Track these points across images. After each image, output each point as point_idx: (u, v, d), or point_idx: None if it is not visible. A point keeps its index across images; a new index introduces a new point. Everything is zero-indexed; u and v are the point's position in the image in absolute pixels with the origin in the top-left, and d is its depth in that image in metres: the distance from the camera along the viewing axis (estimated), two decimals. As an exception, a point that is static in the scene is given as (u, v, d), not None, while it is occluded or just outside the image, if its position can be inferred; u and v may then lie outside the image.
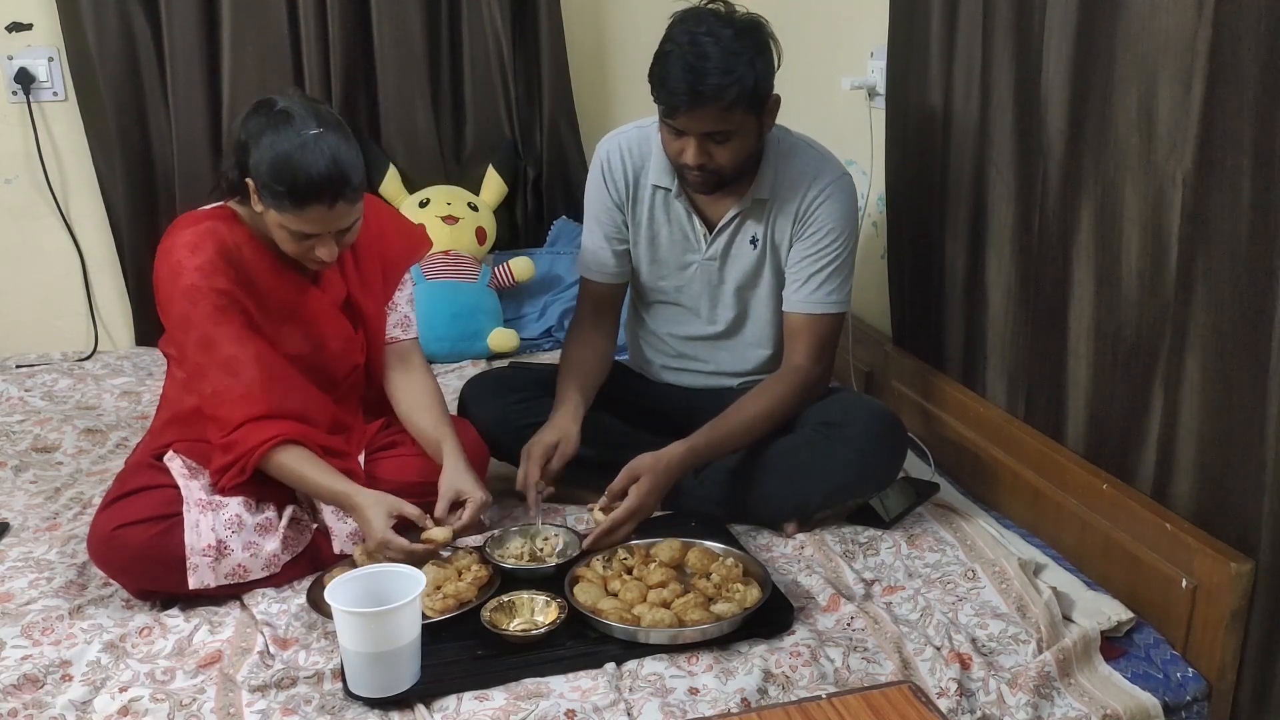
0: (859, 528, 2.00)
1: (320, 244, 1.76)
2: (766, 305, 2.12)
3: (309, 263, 1.82)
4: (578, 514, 2.07)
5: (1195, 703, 1.62)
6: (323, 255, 1.77)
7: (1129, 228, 1.72)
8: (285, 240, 1.78)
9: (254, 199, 1.77)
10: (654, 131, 2.03)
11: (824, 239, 2.02)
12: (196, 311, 1.79)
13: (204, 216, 1.87)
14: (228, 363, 1.80)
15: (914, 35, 2.26)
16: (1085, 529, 1.86)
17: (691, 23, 1.85)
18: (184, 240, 1.82)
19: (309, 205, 1.70)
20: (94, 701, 1.54)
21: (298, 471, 1.79)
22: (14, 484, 2.24)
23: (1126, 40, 1.68)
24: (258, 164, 1.71)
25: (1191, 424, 1.65)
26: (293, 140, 1.68)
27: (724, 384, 2.18)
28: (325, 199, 1.70)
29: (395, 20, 3.01)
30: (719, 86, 1.80)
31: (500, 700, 1.53)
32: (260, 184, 1.72)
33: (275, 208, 1.72)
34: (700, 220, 2.08)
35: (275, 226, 1.76)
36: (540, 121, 3.20)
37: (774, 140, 2.02)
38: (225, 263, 1.81)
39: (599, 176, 2.12)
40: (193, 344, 1.81)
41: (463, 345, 2.95)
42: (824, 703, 1.21)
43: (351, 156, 1.73)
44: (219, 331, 1.80)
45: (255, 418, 1.78)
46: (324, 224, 1.73)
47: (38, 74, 2.87)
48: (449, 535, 1.76)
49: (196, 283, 1.79)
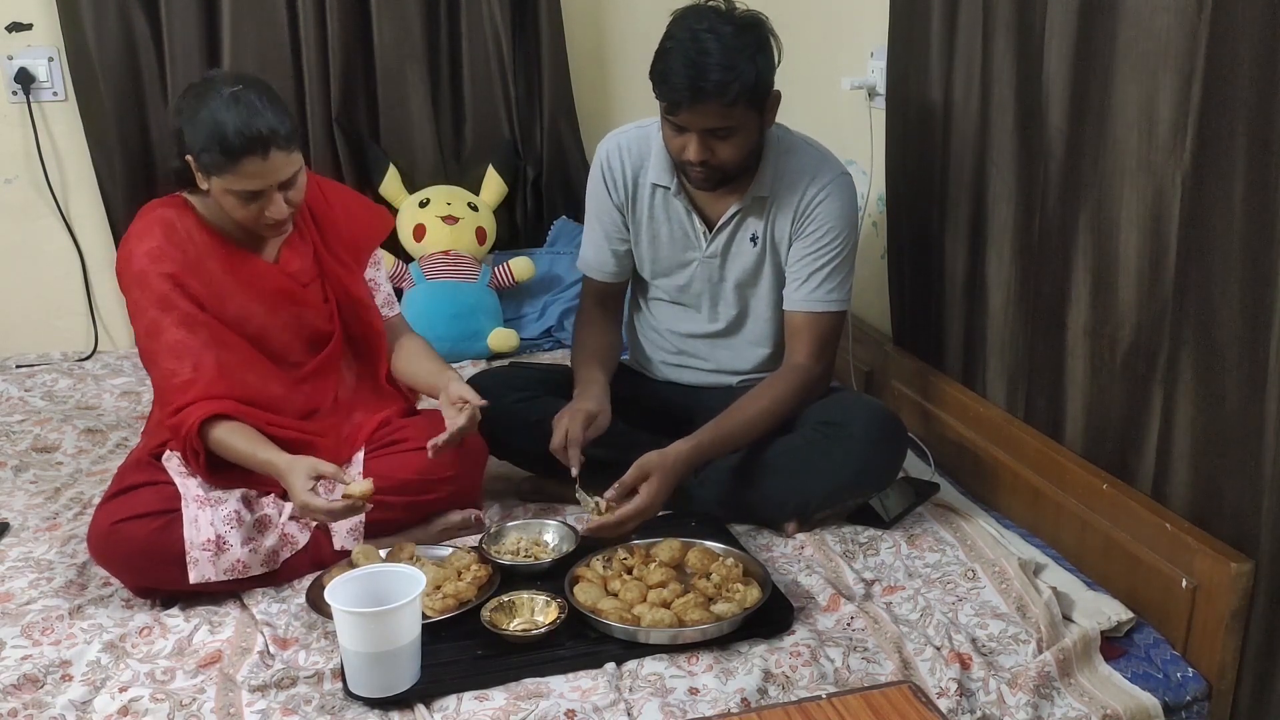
0: (859, 528, 2.00)
1: (269, 201, 1.79)
2: (766, 303, 2.12)
3: (265, 230, 1.85)
4: (578, 513, 2.07)
5: (1195, 703, 1.62)
6: (272, 213, 1.80)
7: (1128, 228, 1.72)
8: (235, 208, 1.80)
9: (198, 179, 1.81)
10: (654, 131, 2.04)
11: (824, 237, 2.02)
12: (145, 297, 1.83)
13: (156, 205, 1.92)
14: (173, 347, 1.82)
15: (914, 35, 2.26)
16: (1085, 529, 1.86)
17: (693, 19, 1.86)
18: (135, 229, 1.88)
19: (243, 159, 1.74)
20: (94, 701, 1.54)
21: (229, 443, 1.80)
22: (14, 484, 2.24)
23: (1126, 40, 1.68)
24: (192, 138, 1.76)
25: (1191, 423, 1.65)
26: (216, 101, 1.75)
27: (724, 382, 2.19)
28: (257, 149, 1.74)
29: (395, 20, 3.01)
30: (721, 83, 1.81)
31: (500, 700, 1.53)
32: (197, 157, 1.76)
33: (215, 173, 1.76)
34: (700, 218, 2.08)
35: (222, 196, 1.80)
36: (540, 121, 3.20)
37: (774, 138, 2.03)
38: (173, 246, 1.84)
39: (599, 176, 2.13)
40: (142, 331, 1.85)
41: (463, 345, 2.95)
42: (824, 703, 1.21)
43: (276, 107, 1.79)
44: (165, 317, 1.83)
45: (196, 398, 1.81)
46: (263, 177, 1.77)
47: (38, 74, 2.87)
48: (368, 488, 1.74)
49: (144, 267, 1.83)
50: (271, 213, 1.80)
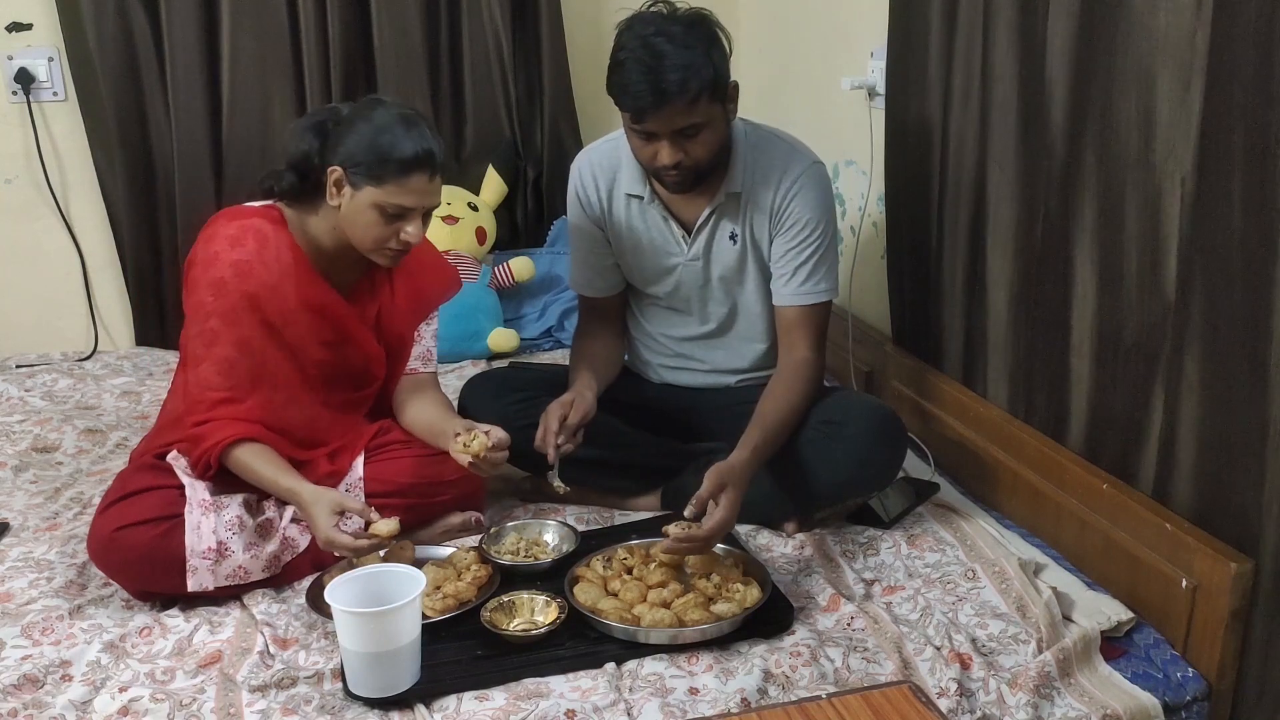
0: (859, 528, 2.00)
1: (410, 221, 1.79)
2: (755, 299, 2.12)
3: (384, 256, 1.84)
4: (578, 513, 2.08)
5: (1195, 703, 1.62)
6: (410, 235, 1.80)
7: (1129, 227, 1.72)
8: (372, 225, 1.79)
9: (332, 192, 1.79)
10: (623, 142, 2.04)
11: (803, 230, 2.03)
12: (216, 305, 1.81)
13: (252, 213, 1.88)
14: (222, 362, 1.81)
15: (914, 35, 2.26)
16: (1085, 529, 1.86)
17: (640, 27, 1.86)
18: (227, 232, 1.84)
19: (413, 173, 1.75)
20: (94, 701, 1.54)
21: (252, 467, 1.79)
22: (14, 484, 2.24)
23: (1126, 40, 1.68)
24: (353, 146, 1.76)
25: (1192, 424, 1.65)
26: (392, 117, 1.77)
27: (723, 382, 2.19)
28: (428, 168, 1.77)
29: (395, 20, 3.01)
30: (681, 81, 1.81)
31: (500, 700, 1.53)
32: (354, 165, 1.76)
33: (375, 183, 1.75)
34: (677, 223, 2.08)
35: (362, 211, 1.78)
36: (540, 121, 3.20)
37: (740, 134, 2.03)
38: (261, 263, 1.82)
39: (574, 197, 2.15)
40: (199, 332, 1.83)
41: (463, 345, 2.95)
42: (824, 703, 1.21)
43: (440, 140, 1.82)
44: (228, 332, 1.81)
45: (227, 417, 1.80)
46: (423, 196, 1.78)
47: (38, 74, 2.87)
48: (394, 527, 1.74)
49: (225, 277, 1.81)
50: (407, 235, 1.79)
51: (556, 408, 1.94)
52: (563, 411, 1.94)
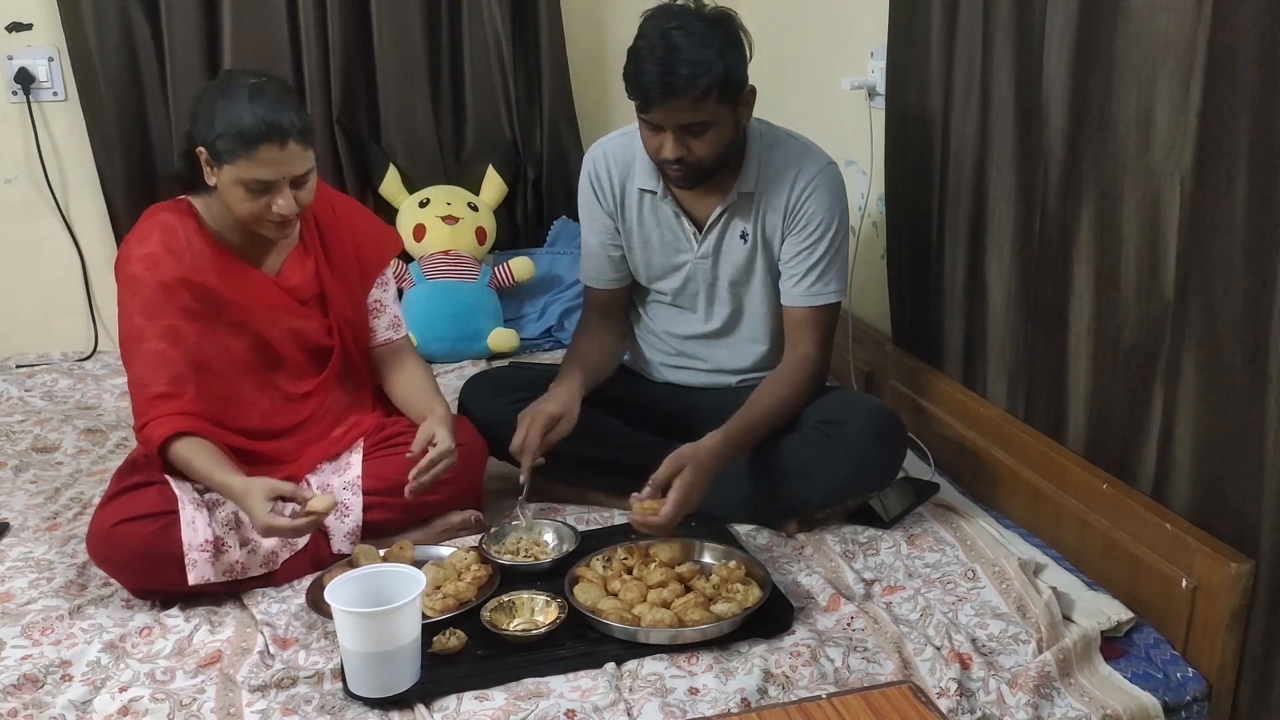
0: (859, 528, 2.00)
1: (278, 194, 1.78)
2: (761, 300, 2.12)
3: (267, 229, 1.84)
4: (578, 513, 2.08)
5: (1195, 703, 1.62)
6: (281, 207, 1.78)
7: (1128, 228, 1.72)
8: (242, 201, 1.79)
9: (206, 172, 1.80)
10: (638, 137, 2.04)
11: (816, 231, 2.03)
12: (133, 301, 1.82)
13: (159, 209, 1.90)
14: (151, 358, 1.81)
15: (914, 35, 2.26)
16: (1085, 529, 1.86)
17: (662, 18, 1.87)
18: (135, 232, 1.86)
19: (260, 146, 1.73)
20: (94, 701, 1.54)
21: (190, 463, 1.78)
22: (14, 484, 2.24)
23: (1126, 40, 1.68)
24: (208, 128, 1.75)
25: (1191, 424, 1.65)
26: (237, 92, 1.75)
27: (724, 381, 2.19)
28: (275, 137, 1.74)
29: (395, 20, 3.01)
30: (690, 77, 1.81)
31: (500, 700, 1.53)
32: (211, 145, 1.76)
33: (229, 160, 1.75)
34: (689, 220, 2.08)
35: (230, 188, 1.78)
36: (540, 121, 3.20)
37: (755, 134, 2.03)
38: (169, 252, 1.83)
39: (588, 187, 2.14)
40: (126, 334, 1.84)
41: (463, 345, 2.95)
42: (824, 703, 1.21)
43: (296, 104, 1.79)
44: (150, 325, 1.81)
45: (165, 414, 1.79)
46: (277, 167, 1.76)
47: (38, 74, 2.87)
48: (330, 503, 1.74)
49: (138, 273, 1.82)
50: (279, 208, 1.79)
51: (542, 420, 1.94)
52: (547, 426, 1.93)
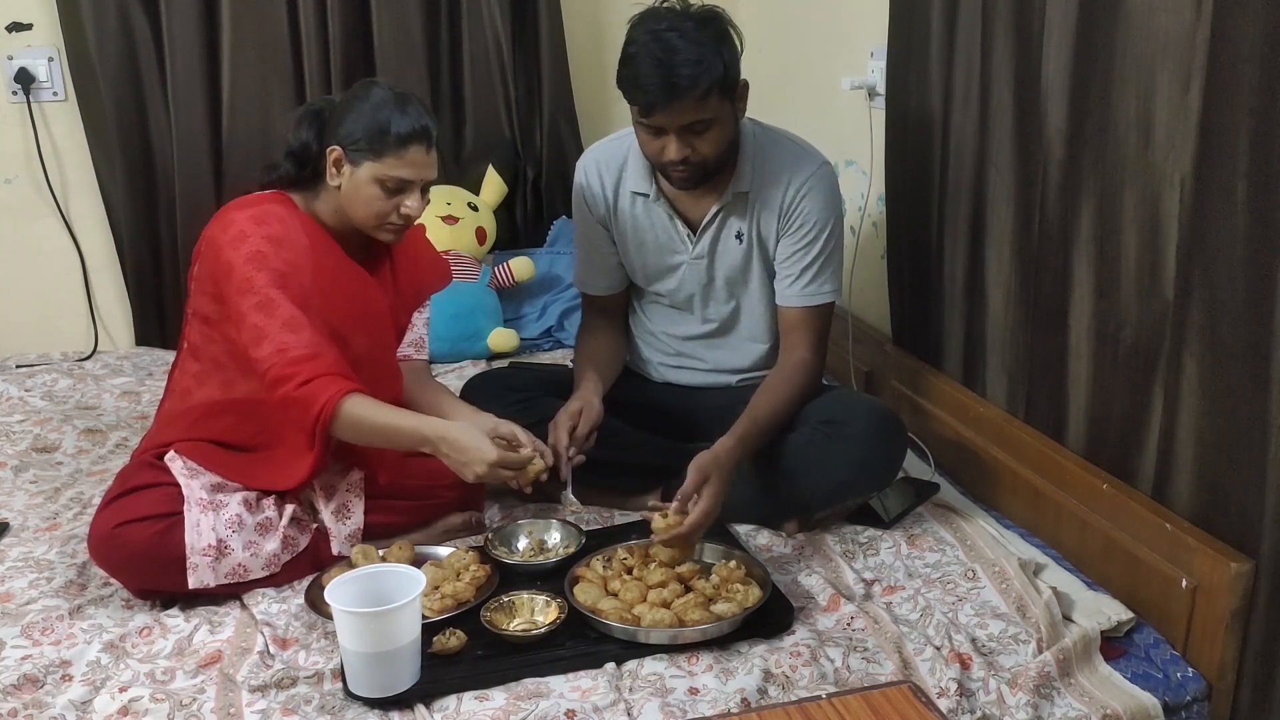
0: (859, 528, 2.00)
1: (409, 195, 1.83)
2: (758, 299, 2.12)
3: (385, 231, 1.86)
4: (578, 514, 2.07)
5: (1195, 703, 1.62)
6: (410, 208, 1.83)
7: (1128, 228, 1.72)
8: (374, 199, 1.82)
9: (332, 173, 1.83)
10: (628, 141, 2.04)
11: (811, 231, 2.03)
12: (260, 276, 1.77)
13: (262, 199, 1.88)
14: (289, 321, 1.76)
15: (914, 35, 2.26)
16: (1085, 529, 1.86)
17: (651, 21, 1.87)
18: (248, 214, 1.83)
19: (410, 145, 1.80)
20: (94, 701, 1.54)
21: (372, 419, 1.74)
22: (14, 484, 2.24)
23: (1126, 40, 1.68)
24: (351, 126, 1.81)
25: (1191, 424, 1.65)
26: (387, 96, 1.83)
27: (724, 381, 2.19)
28: (424, 140, 1.82)
29: (395, 20, 3.01)
30: (692, 77, 1.81)
31: (500, 700, 1.53)
32: (353, 143, 1.80)
33: (374, 157, 1.80)
34: (683, 221, 2.08)
35: (365, 186, 1.81)
36: (540, 121, 3.20)
37: (749, 133, 2.03)
38: (289, 239, 1.83)
39: (579, 196, 2.15)
40: (252, 306, 1.76)
41: (463, 345, 2.95)
42: (824, 703, 1.21)
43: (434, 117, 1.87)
44: (282, 295, 1.77)
45: (322, 374, 1.74)
46: (421, 169, 1.83)
47: (38, 74, 2.87)
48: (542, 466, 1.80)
49: (263, 249, 1.79)
50: (407, 209, 1.83)
51: (565, 418, 1.94)
52: (571, 422, 1.93)
